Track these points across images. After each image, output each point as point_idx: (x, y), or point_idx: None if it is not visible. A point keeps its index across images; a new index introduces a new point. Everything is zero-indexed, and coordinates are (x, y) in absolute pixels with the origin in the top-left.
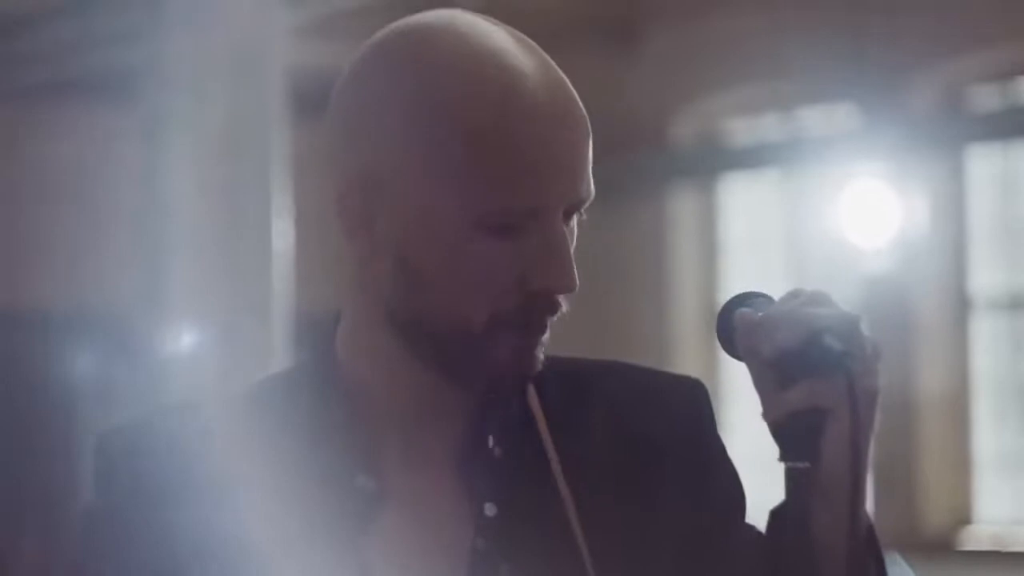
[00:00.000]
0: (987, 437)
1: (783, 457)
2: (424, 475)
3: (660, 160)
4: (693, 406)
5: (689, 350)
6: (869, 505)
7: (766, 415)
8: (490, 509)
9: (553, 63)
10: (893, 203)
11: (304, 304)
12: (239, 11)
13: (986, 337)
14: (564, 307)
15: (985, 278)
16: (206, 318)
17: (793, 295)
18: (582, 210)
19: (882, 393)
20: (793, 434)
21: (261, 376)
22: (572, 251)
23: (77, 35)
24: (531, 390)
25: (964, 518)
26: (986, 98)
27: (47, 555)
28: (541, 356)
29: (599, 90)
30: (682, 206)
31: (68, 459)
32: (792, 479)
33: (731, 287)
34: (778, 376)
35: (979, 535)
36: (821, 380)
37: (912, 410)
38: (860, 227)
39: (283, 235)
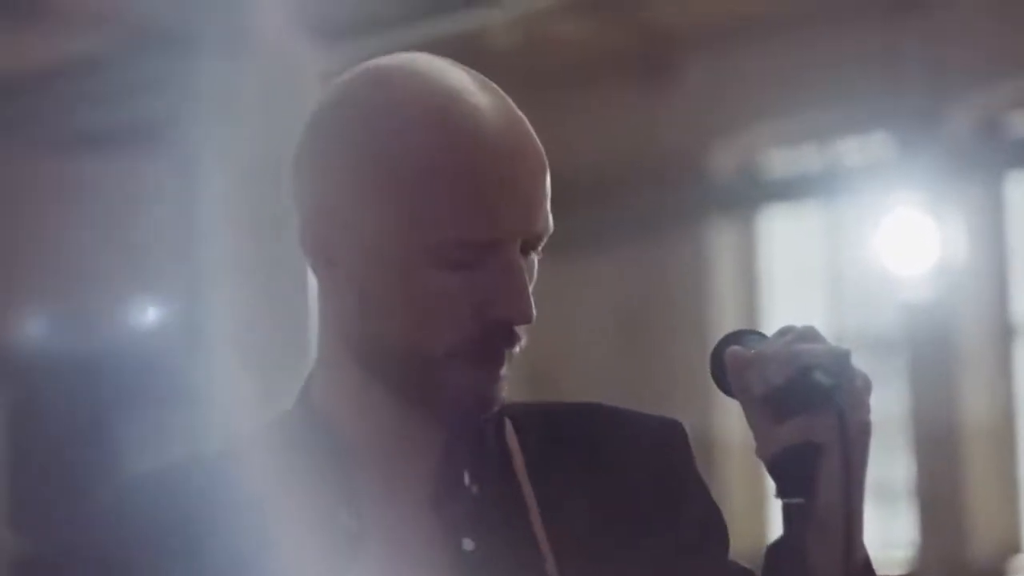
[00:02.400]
0: None
1: (779, 493)
2: (403, 510)
3: (698, 193)
4: (669, 447)
5: None
6: (865, 537)
7: (760, 451)
8: (468, 544)
9: (511, 102)
10: (933, 231)
11: None
12: (274, 54)
13: None
14: (522, 340)
15: None
16: (243, 353)
17: (782, 332)
18: (539, 247)
19: (873, 426)
20: (787, 470)
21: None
22: (530, 286)
23: (112, 82)
24: (509, 428)
25: (1013, 546)
26: None
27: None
28: (503, 390)
29: (637, 124)
30: (721, 239)
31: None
32: (788, 515)
33: (771, 319)
34: (770, 412)
35: None
36: (812, 415)
37: (957, 439)
38: (900, 256)
39: None
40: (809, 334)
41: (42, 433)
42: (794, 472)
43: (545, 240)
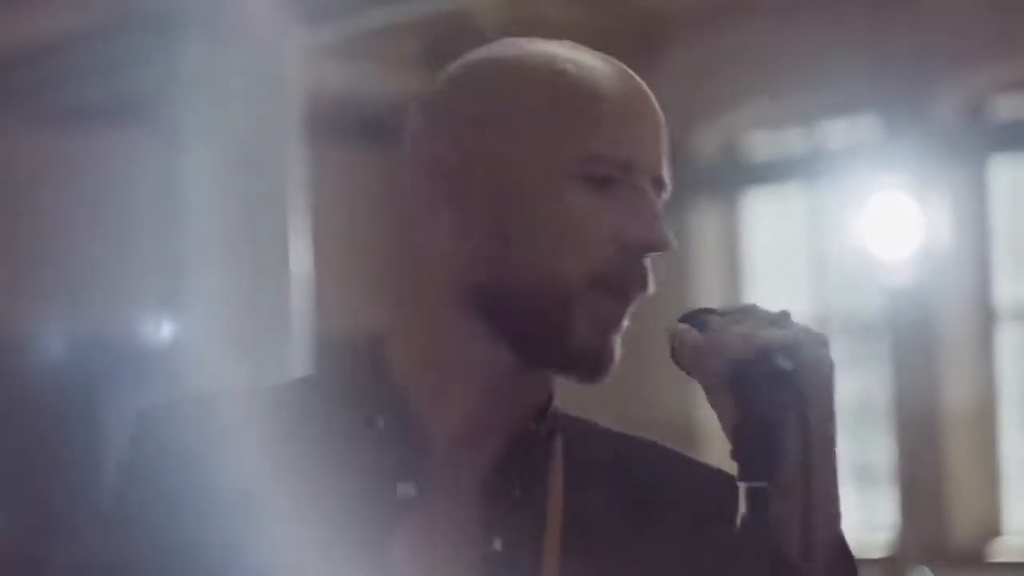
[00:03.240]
0: (1014, 448)
1: (741, 477)
2: (451, 492)
3: (682, 174)
4: (717, 498)
5: None
6: (844, 521)
7: (724, 430)
8: (498, 543)
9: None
10: (916, 215)
11: (322, 322)
12: (258, 32)
13: (1011, 348)
14: (651, 286)
15: (1009, 289)
16: (224, 337)
17: (746, 313)
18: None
19: (839, 408)
20: (749, 453)
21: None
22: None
23: (98, 60)
24: (559, 444)
25: (993, 530)
26: (1009, 108)
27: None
28: (617, 354)
29: None
30: (704, 220)
31: (90, 469)
32: (751, 498)
33: (754, 301)
34: (731, 396)
35: (1009, 546)
36: (773, 399)
37: (938, 423)
38: (883, 239)
39: (301, 254)
40: (777, 317)
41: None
42: (756, 456)
43: (670, 237)
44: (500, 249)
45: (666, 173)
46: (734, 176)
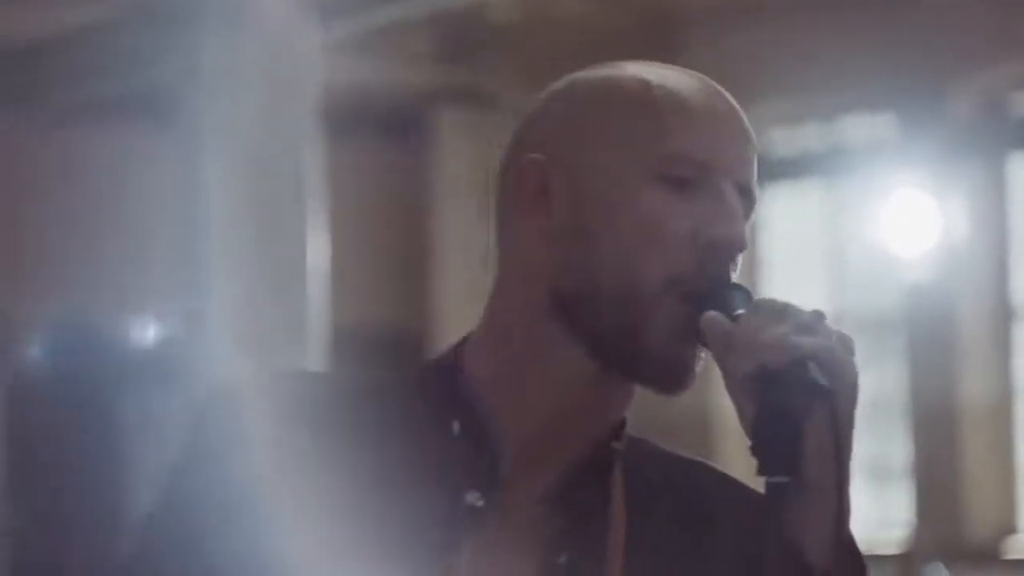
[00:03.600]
0: None
1: (760, 471)
2: (523, 505)
3: None
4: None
5: None
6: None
7: (743, 425)
8: (563, 558)
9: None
10: (934, 212)
11: (340, 318)
12: (274, 28)
13: None
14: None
15: None
16: (243, 334)
17: (781, 312)
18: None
19: (861, 410)
20: (769, 450)
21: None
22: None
23: (112, 53)
24: (621, 471)
25: (1009, 527)
26: None
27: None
28: (697, 367)
29: None
30: None
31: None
32: (771, 493)
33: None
34: (755, 391)
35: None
36: (798, 404)
37: (955, 420)
38: (901, 236)
39: (318, 250)
40: (811, 321)
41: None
42: (774, 452)
43: (751, 221)
44: (582, 253)
45: (752, 182)
46: None
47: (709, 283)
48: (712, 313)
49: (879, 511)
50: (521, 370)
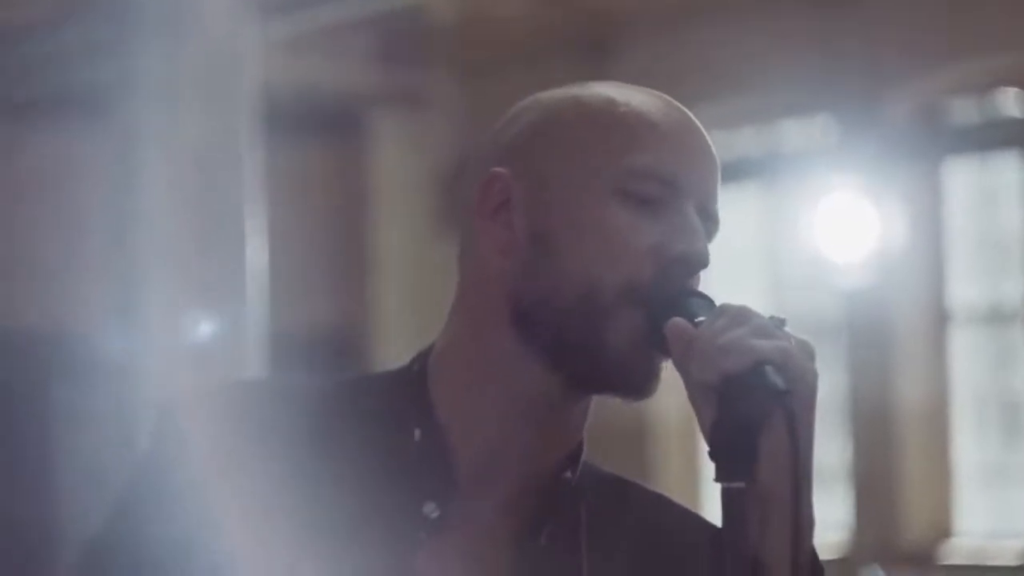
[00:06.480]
0: (967, 450)
1: (718, 477)
2: (474, 522)
3: None
4: None
5: (665, 365)
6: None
7: (703, 430)
8: None
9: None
10: (871, 216)
11: (278, 323)
12: (213, 26)
13: (965, 350)
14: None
15: (963, 291)
16: (178, 336)
17: (741, 316)
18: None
19: (817, 420)
20: (727, 454)
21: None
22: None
23: (47, 50)
24: (583, 502)
25: (944, 531)
26: (963, 110)
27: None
28: (660, 376)
29: None
30: None
31: (42, 477)
32: (727, 499)
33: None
34: (714, 395)
35: (959, 548)
36: (758, 408)
37: (892, 423)
38: (838, 241)
39: (257, 253)
40: (771, 326)
41: None
42: (733, 456)
43: (713, 236)
44: (543, 263)
45: (715, 205)
46: None
47: (669, 294)
48: (676, 319)
49: (817, 515)
50: (481, 382)
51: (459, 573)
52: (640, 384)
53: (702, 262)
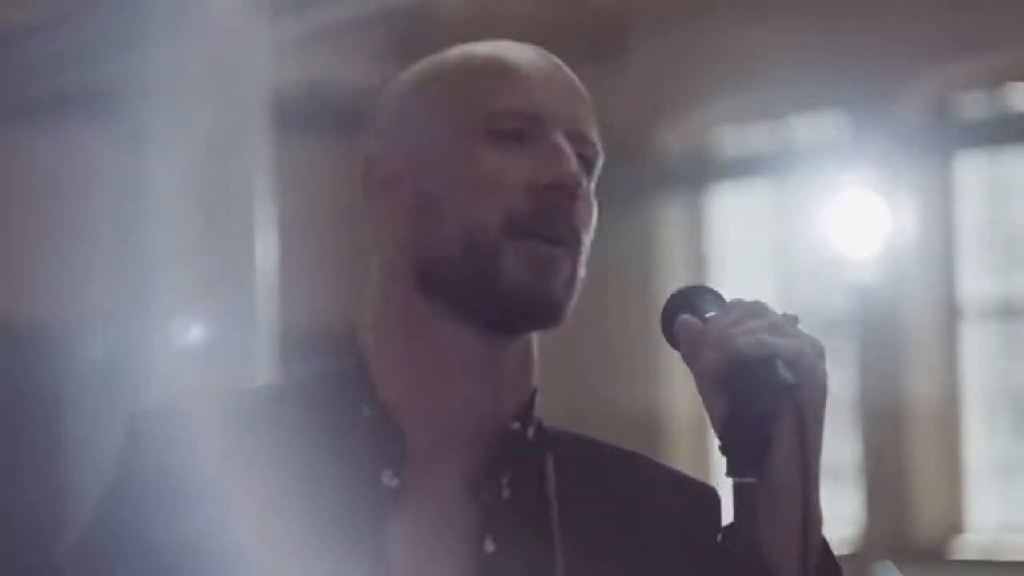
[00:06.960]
0: (978, 445)
1: (729, 472)
2: (440, 488)
3: (647, 171)
4: (702, 512)
5: (676, 361)
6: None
7: (714, 426)
8: (489, 545)
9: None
10: (882, 212)
11: (288, 316)
12: (222, 25)
13: (976, 345)
14: (578, 225)
15: (974, 286)
16: (189, 331)
17: (753, 311)
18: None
19: (825, 418)
20: (739, 450)
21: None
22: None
23: (57, 50)
24: (549, 458)
25: (956, 527)
26: (974, 105)
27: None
28: (565, 296)
29: None
30: (670, 217)
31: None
32: (738, 493)
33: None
34: (725, 390)
35: (971, 544)
36: (769, 401)
37: (903, 419)
38: (849, 236)
39: (267, 248)
40: (782, 323)
41: None
42: (745, 451)
43: (597, 168)
44: (429, 223)
45: (588, 131)
46: (700, 172)
47: (548, 224)
48: (685, 316)
49: (828, 511)
50: (407, 351)
51: (429, 537)
52: (541, 310)
53: (575, 183)
